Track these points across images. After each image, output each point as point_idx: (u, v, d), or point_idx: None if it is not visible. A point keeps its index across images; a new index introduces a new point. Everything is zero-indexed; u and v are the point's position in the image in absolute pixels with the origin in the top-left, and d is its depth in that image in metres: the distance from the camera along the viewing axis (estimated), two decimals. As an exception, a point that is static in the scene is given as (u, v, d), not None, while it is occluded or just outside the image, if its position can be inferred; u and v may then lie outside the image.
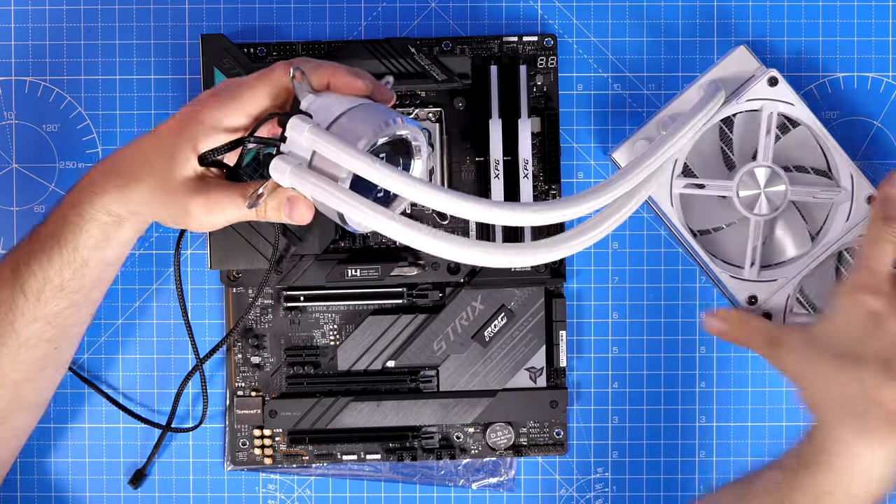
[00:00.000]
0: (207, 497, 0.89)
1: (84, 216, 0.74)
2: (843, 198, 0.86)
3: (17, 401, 0.78)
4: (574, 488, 0.90)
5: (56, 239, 0.75)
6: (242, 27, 0.89)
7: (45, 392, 0.80)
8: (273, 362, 0.88)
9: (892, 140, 0.90)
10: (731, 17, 0.90)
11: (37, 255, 0.75)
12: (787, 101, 0.85)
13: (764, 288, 0.86)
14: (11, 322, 0.76)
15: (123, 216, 0.74)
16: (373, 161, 0.69)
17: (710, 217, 0.87)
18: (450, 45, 0.88)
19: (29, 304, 0.75)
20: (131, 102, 0.89)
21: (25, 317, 0.76)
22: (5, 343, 0.76)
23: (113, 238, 0.75)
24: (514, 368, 0.88)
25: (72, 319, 0.77)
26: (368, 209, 0.69)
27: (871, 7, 0.90)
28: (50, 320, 0.76)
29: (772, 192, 0.85)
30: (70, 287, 0.76)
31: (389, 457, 0.88)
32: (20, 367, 0.77)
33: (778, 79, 0.85)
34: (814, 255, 0.86)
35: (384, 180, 0.69)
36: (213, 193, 0.73)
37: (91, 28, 0.89)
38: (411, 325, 0.87)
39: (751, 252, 0.86)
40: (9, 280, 0.76)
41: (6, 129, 0.89)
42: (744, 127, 0.87)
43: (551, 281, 0.88)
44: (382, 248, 0.88)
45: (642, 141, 0.86)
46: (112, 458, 0.89)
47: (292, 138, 0.71)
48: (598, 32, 0.90)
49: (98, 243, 0.75)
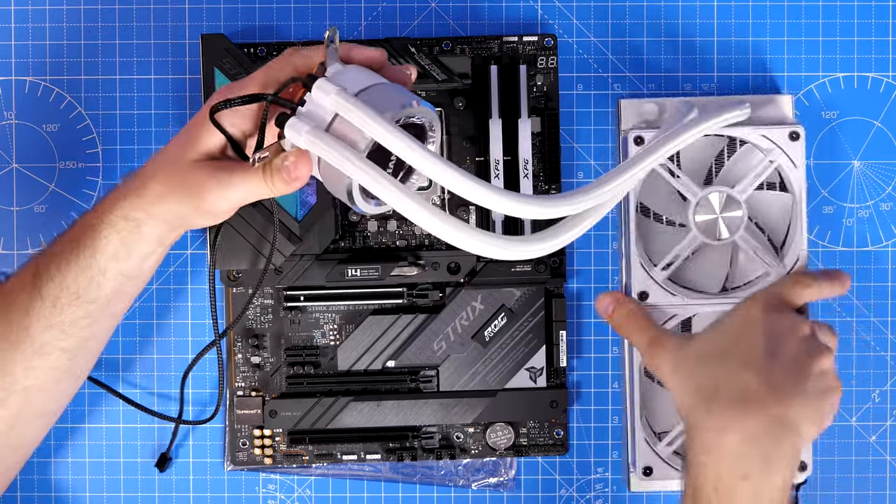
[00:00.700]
0: (207, 497, 0.89)
1: (103, 220, 0.74)
2: (776, 272, 0.86)
3: (28, 408, 0.77)
4: (574, 488, 0.90)
5: (76, 243, 0.75)
6: (242, 27, 0.89)
7: (57, 403, 0.79)
8: (273, 362, 0.88)
9: (892, 140, 0.90)
10: (731, 18, 0.90)
11: (56, 259, 0.75)
12: (793, 160, 0.85)
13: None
14: (27, 327, 0.75)
15: (141, 219, 0.74)
16: (400, 131, 0.68)
17: (663, 205, 0.87)
18: (450, 45, 0.88)
19: (45, 309, 0.75)
20: (131, 102, 0.89)
21: (41, 322, 0.75)
22: (19, 348, 0.75)
23: (132, 248, 0.74)
24: (514, 368, 0.88)
25: (88, 331, 0.76)
26: (385, 180, 0.68)
27: (871, 7, 0.90)
28: (65, 329, 0.75)
29: (728, 217, 0.85)
30: (86, 296, 0.75)
31: (389, 457, 0.88)
32: (33, 374, 0.76)
33: (800, 136, 0.85)
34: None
35: (407, 152, 0.68)
36: (226, 169, 0.73)
37: (91, 28, 0.89)
38: (411, 325, 0.87)
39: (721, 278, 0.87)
40: (29, 283, 0.75)
41: (6, 129, 0.89)
42: (704, 150, 0.87)
43: (551, 281, 0.88)
44: (382, 248, 0.88)
45: (651, 104, 0.87)
46: (112, 459, 0.89)
47: (317, 100, 0.70)
48: (598, 32, 0.90)
49: (117, 252, 0.74)
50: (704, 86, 0.90)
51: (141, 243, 0.75)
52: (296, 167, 0.71)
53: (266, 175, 0.72)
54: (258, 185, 0.73)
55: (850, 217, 0.90)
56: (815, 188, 0.90)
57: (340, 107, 0.69)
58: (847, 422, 0.90)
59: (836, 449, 0.90)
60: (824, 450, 0.90)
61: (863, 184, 0.90)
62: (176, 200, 0.74)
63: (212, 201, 0.73)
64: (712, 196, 0.85)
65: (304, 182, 0.72)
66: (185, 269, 0.89)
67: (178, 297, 0.89)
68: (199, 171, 0.73)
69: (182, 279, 0.89)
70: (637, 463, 0.86)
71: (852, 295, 0.90)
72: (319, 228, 0.86)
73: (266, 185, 0.73)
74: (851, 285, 0.87)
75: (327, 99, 0.70)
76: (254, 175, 0.73)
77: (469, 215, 0.88)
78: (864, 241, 0.90)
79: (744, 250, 0.86)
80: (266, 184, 0.73)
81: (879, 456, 0.90)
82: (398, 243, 0.88)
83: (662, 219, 0.87)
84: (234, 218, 0.84)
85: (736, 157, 0.87)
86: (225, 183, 0.73)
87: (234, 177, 0.73)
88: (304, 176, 0.72)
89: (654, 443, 0.86)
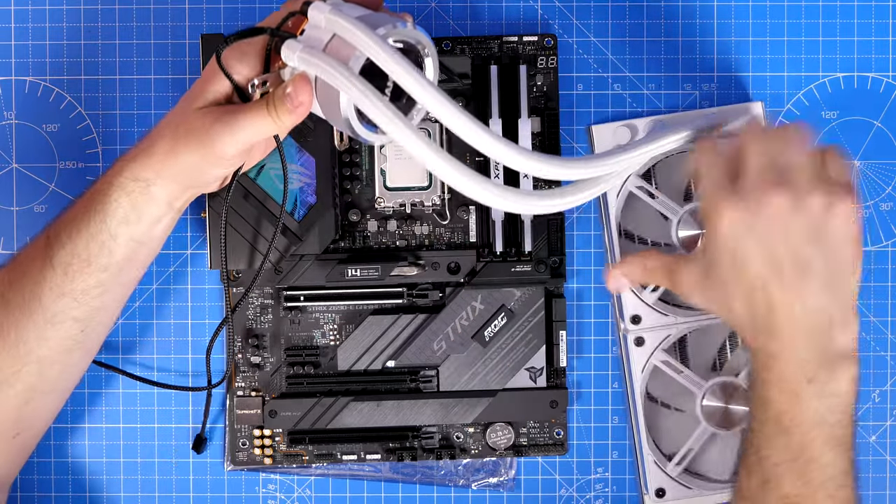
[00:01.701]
0: (207, 497, 0.89)
1: (113, 184, 0.74)
2: None
3: (44, 381, 0.77)
4: (574, 488, 0.90)
5: (86, 210, 0.75)
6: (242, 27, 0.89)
7: (70, 378, 0.79)
8: (273, 362, 0.88)
9: (892, 140, 0.90)
10: (731, 18, 0.90)
11: (67, 226, 0.75)
12: None
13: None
14: (39, 296, 0.75)
15: (150, 179, 0.74)
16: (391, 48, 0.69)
17: (645, 227, 0.88)
18: (450, 45, 0.88)
19: (56, 277, 0.75)
20: (131, 102, 0.89)
21: (53, 291, 0.75)
22: (31, 317, 0.75)
23: (142, 210, 0.74)
24: (514, 368, 0.88)
25: (99, 301, 0.76)
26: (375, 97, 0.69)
27: (871, 7, 0.90)
28: (77, 297, 0.75)
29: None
30: (97, 263, 0.75)
31: (389, 457, 0.88)
32: (46, 344, 0.76)
33: None
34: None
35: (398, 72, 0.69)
36: (231, 111, 0.73)
37: (91, 28, 0.89)
38: (411, 325, 0.87)
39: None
40: (41, 251, 0.76)
41: (6, 129, 0.89)
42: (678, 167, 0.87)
43: (551, 281, 0.88)
44: (382, 248, 0.88)
45: (623, 127, 0.87)
46: (112, 459, 0.89)
47: (313, 21, 0.71)
48: (598, 32, 0.90)
49: (127, 215, 0.74)
50: (704, 86, 0.90)
51: (151, 205, 0.75)
52: (296, 93, 0.72)
53: (270, 107, 0.73)
54: (264, 120, 0.73)
55: (850, 217, 0.90)
56: (815, 188, 0.90)
57: (334, 24, 0.70)
58: (847, 422, 0.90)
59: (836, 449, 0.90)
60: (824, 450, 0.90)
61: (863, 184, 0.90)
62: (185, 150, 0.74)
63: (220, 146, 0.73)
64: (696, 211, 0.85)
65: (306, 109, 0.73)
66: (185, 269, 0.89)
67: (178, 297, 0.89)
68: (205, 116, 0.74)
69: (182, 279, 0.89)
70: (649, 486, 0.86)
71: (852, 295, 0.90)
72: (319, 228, 0.86)
73: (271, 118, 0.73)
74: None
75: (321, 18, 0.71)
76: (258, 110, 0.73)
77: (469, 215, 0.88)
78: (864, 240, 0.90)
79: None
80: (271, 116, 0.73)
81: (879, 456, 0.90)
82: (398, 243, 0.88)
83: (647, 241, 0.88)
84: (234, 218, 0.84)
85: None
86: (231, 124, 0.73)
87: (238, 116, 0.73)
88: (306, 102, 0.72)
89: (663, 464, 0.86)
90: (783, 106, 0.90)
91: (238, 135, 0.73)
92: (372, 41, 0.69)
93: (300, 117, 0.73)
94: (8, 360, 0.76)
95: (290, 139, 0.84)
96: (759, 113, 0.88)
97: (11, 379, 0.76)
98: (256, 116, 0.73)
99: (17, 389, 0.76)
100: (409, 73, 0.69)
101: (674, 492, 0.86)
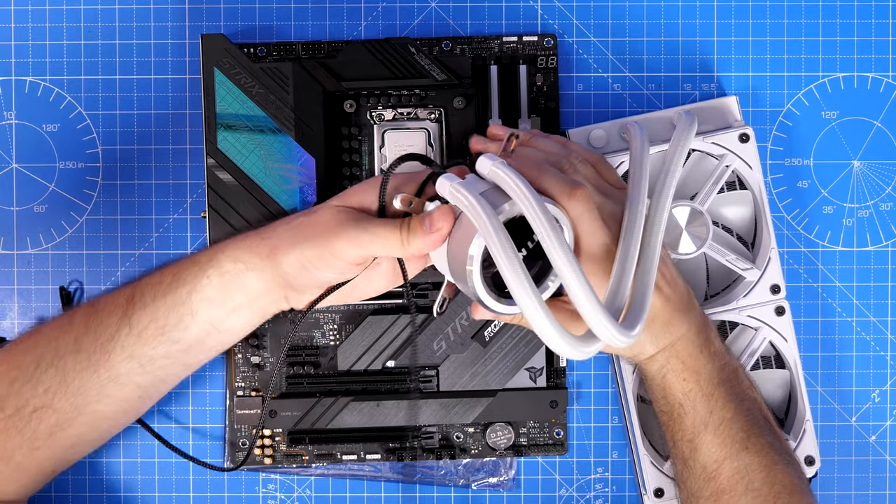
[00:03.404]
0: (207, 497, 0.89)
1: (212, 260, 0.74)
2: (752, 276, 0.85)
3: (92, 432, 0.77)
4: (574, 488, 0.90)
5: (177, 277, 0.75)
6: (242, 27, 0.89)
7: (111, 433, 0.79)
8: (273, 362, 0.88)
9: (892, 140, 0.90)
10: (731, 18, 0.90)
11: (154, 288, 0.75)
12: (746, 162, 0.85)
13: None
14: (110, 352, 0.75)
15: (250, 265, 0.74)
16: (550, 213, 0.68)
17: None
18: (450, 45, 0.88)
19: (131, 337, 0.74)
20: (131, 102, 0.89)
21: (124, 351, 0.75)
22: (97, 371, 0.75)
23: (228, 294, 0.74)
24: (514, 368, 0.88)
25: (163, 371, 0.76)
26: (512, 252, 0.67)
27: (871, 7, 0.90)
28: (144, 363, 0.75)
29: (693, 229, 0.85)
30: (171, 335, 0.75)
31: (389, 457, 0.88)
32: (105, 400, 0.76)
33: (749, 136, 0.85)
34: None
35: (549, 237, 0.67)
36: (366, 218, 0.74)
37: (91, 28, 0.89)
38: (411, 325, 0.87)
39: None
40: (122, 306, 0.75)
41: (6, 129, 0.89)
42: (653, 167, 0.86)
43: (551, 281, 0.88)
44: (382, 248, 0.88)
45: (599, 130, 0.87)
46: (112, 459, 0.89)
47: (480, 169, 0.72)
48: (598, 32, 0.90)
49: (212, 296, 0.74)
50: (704, 86, 0.90)
51: (238, 291, 0.75)
52: (437, 217, 0.72)
53: (403, 228, 0.73)
54: (393, 235, 0.73)
55: (850, 217, 0.90)
56: (815, 188, 0.90)
57: (497, 175, 0.70)
58: (847, 422, 0.90)
59: (836, 449, 0.90)
60: (824, 450, 0.90)
61: (863, 184, 0.90)
62: (303, 240, 0.74)
63: (342, 245, 0.73)
64: (676, 211, 0.85)
65: (440, 238, 0.72)
66: (185, 269, 0.89)
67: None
68: (339, 214, 0.74)
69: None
70: (647, 486, 0.86)
71: (852, 295, 0.90)
72: (319, 228, 0.86)
73: (401, 238, 0.73)
74: (851, 285, 0.87)
75: (486, 168, 0.71)
76: (392, 225, 0.73)
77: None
78: (864, 241, 0.90)
79: (716, 258, 0.86)
80: (402, 236, 0.73)
81: (879, 456, 0.90)
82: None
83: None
84: (235, 217, 0.84)
85: (688, 167, 0.87)
86: (361, 227, 0.73)
87: (371, 223, 0.73)
88: (443, 230, 0.72)
89: (660, 464, 0.86)
90: (783, 106, 0.90)
91: (362, 238, 0.73)
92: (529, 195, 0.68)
93: (428, 246, 0.72)
94: (66, 407, 0.75)
95: (290, 139, 0.84)
96: (735, 108, 0.87)
97: (65, 424, 0.76)
98: (388, 230, 0.73)
99: (68, 433, 0.76)
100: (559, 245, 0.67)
101: (673, 491, 0.86)
